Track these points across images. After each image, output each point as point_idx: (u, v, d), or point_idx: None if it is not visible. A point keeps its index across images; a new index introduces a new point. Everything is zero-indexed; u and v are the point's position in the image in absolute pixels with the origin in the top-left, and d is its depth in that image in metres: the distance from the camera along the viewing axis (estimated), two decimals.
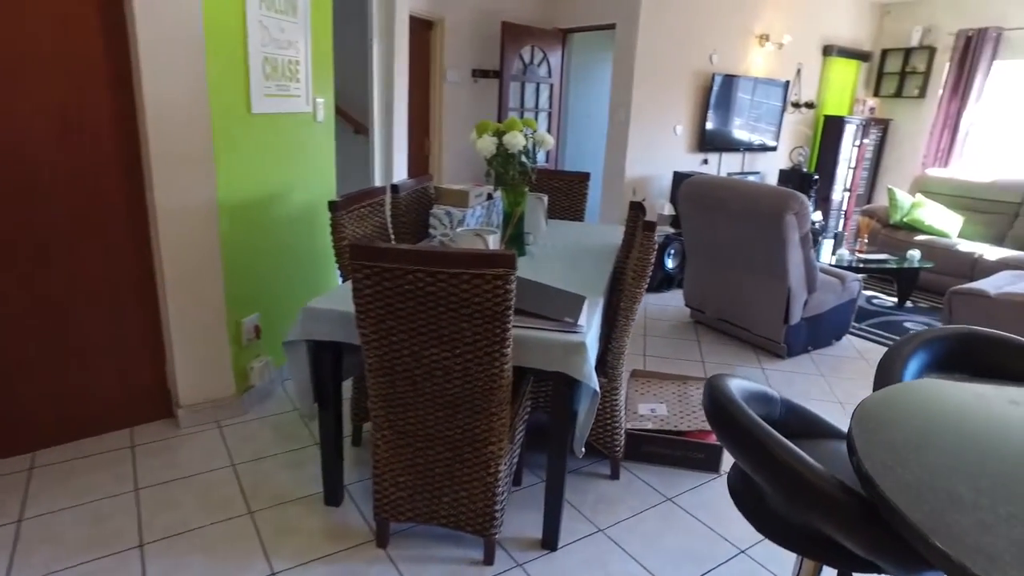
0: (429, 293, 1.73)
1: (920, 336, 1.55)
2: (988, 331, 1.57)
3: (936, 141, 6.59)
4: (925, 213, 5.90)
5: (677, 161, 5.67)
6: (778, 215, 3.58)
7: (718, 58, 5.67)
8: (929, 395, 1.34)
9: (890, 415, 1.25)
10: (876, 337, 4.51)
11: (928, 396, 1.33)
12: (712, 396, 1.38)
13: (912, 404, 1.29)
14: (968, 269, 5.45)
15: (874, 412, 1.25)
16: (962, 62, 6.35)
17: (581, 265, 2.70)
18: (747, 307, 4.06)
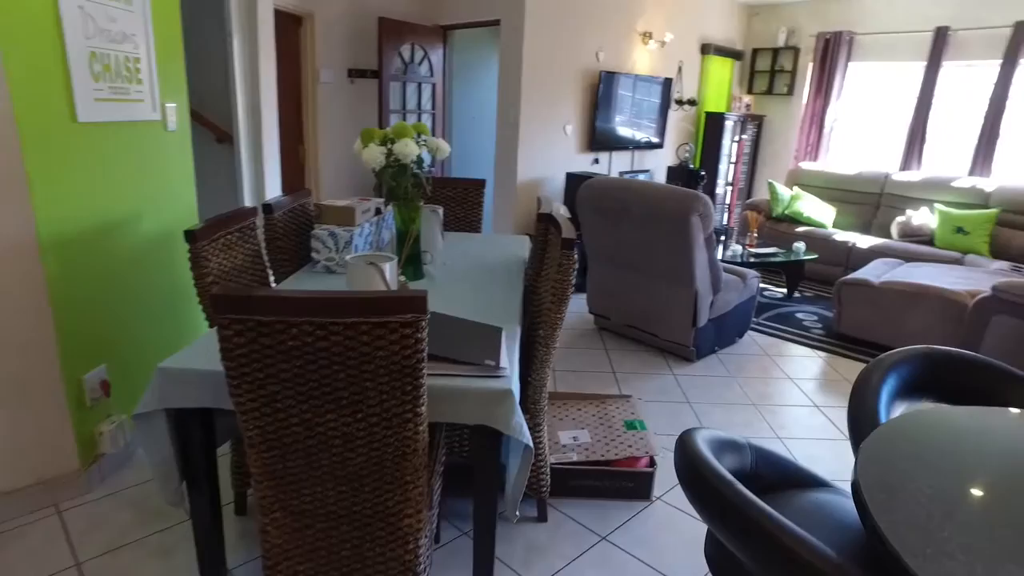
0: (321, 349, 1.38)
1: (885, 362, 1.41)
2: (951, 351, 1.45)
3: (806, 136, 6.90)
4: (804, 205, 6.13)
5: (569, 162, 5.54)
6: (683, 217, 3.48)
7: (604, 56, 5.58)
8: (929, 435, 1.17)
9: (897, 477, 1.06)
10: (774, 331, 4.57)
11: (929, 436, 1.17)
12: (686, 463, 1.14)
13: (917, 452, 1.12)
14: (844, 258, 5.71)
15: (882, 477, 1.06)
16: (823, 62, 6.67)
17: (488, 286, 2.43)
18: (654, 312, 3.96)
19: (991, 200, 5.59)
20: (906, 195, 6.00)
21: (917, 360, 1.44)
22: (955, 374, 1.43)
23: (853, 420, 1.36)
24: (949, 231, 5.50)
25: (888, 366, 1.40)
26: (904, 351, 1.46)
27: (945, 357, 1.45)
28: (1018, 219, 5.40)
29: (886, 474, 1.06)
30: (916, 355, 1.44)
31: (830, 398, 3.58)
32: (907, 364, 1.42)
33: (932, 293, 4.03)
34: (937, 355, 1.46)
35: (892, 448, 1.12)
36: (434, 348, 1.66)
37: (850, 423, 1.39)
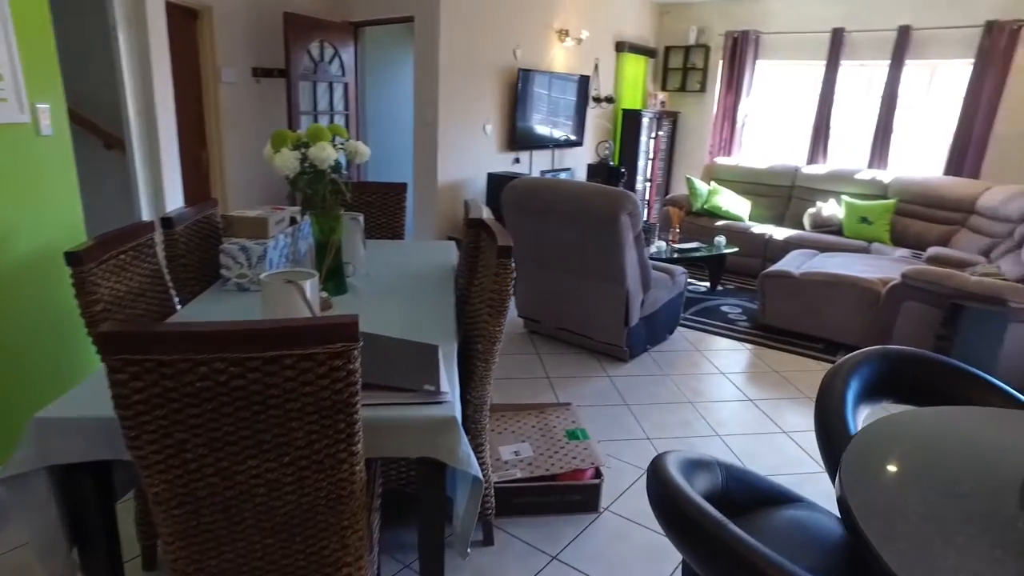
0: (236, 389, 1.19)
1: (845, 367, 1.36)
2: (906, 350, 1.42)
3: (719, 131, 7.07)
4: (722, 200, 6.26)
5: (490, 162, 5.42)
6: (612, 217, 3.42)
7: (522, 53, 5.49)
8: (906, 444, 1.12)
9: (885, 496, 0.99)
10: (702, 325, 4.61)
11: (906, 445, 1.11)
12: (660, 493, 1.03)
13: (898, 465, 1.05)
14: (761, 249, 5.86)
15: (869, 497, 0.99)
16: (732, 60, 6.85)
17: (418, 298, 2.26)
18: (585, 313, 3.89)
19: (889, 191, 5.88)
20: (815, 187, 6.23)
21: (876, 362, 1.40)
22: (914, 374, 1.40)
23: (822, 428, 1.30)
24: (855, 221, 5.74)
25: (849, 370, 1.35)
26: (862, 353, 1.42)
27: (901, 357, 1.43)
28: (913, 208, 5.70)
29: (873, 493, 0.99)
30: (874, 356, 1.41)
31: (762, 390, 3.62)
32: (867, 366, 1.39)
33: (848, 282, 4.16)
34: (893, 355, 1.43)
35: (872, 461, 1.06)
36: (367, 375, 1.49)
37: (819, 431, 1.34)
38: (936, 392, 1.37)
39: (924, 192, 5.70)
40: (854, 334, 4.19)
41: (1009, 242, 4.68)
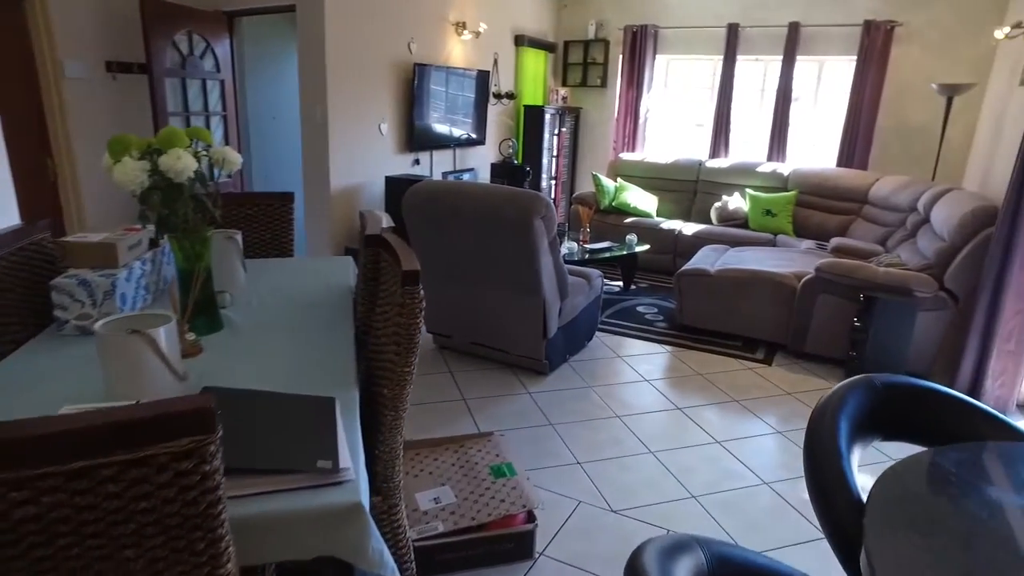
0: (32, 520, 0.81)
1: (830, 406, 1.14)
2: (891, 379, 1.23)
3: (622, 127, 6.99)
4: (630, 196, 6.16)
5: (387, 164, 5.03)
6: (525, 222, 3.16)
7: (417, 47, 5.13)
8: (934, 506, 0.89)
9: None
10: (620, 328, 4.44)
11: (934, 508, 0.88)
12: None
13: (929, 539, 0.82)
14: (671, 246, 5.80)
15: None
16: (632, 55, 6.78)
17: (310, 330, 1.90)
18: (500, 326, 3.61)
19: (789, 183, 5.98)
20: (719, 181, 6.25)
21: (862, 394, 1.21)
22: (906, 406, 1.22)
23: (816, 481, 1.08)
24: (759, 214, 5.79)
25: (835, 409, 1.15)
26: (845, 387, 1.22)
27: (888, 387, 1.24)
28: (812, 200, 5.82)
29: None
30: (859, 388, 1.21)
31: (688, 397, 3.47)
32: (853, 400, 1.19)
33: (763, 278, 4.11)
34: (879, 384, 1.24)
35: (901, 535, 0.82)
36: (237, 457, 1.13)
37: (811, 485, 1.12)
38: (935, 426, 1.19)
39: (821, 183, 5.83)
40: (772, 330, 4.14)
41: (903, 231, 4.81)
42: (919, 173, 5.71)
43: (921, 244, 4.24)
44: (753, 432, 3.15)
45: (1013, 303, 3.29)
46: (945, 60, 5.67)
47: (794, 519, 2.49)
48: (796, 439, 3.10)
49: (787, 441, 3.08)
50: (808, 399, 3.53)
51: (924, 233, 4.32)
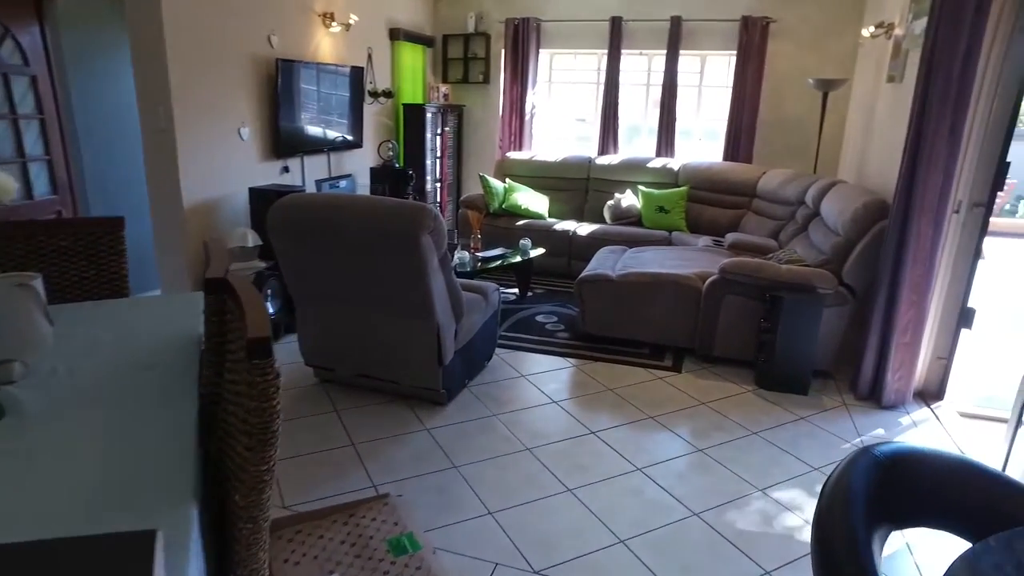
0: None
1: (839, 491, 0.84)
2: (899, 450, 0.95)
3: (508, 124, 6.69)
4: (520, 197, 5.87)
5: (251, 173, 4.42)
6: (411, 238, 2.74)
7: (280, 40, 4.55)
8: None
9: None
10: (520, 343, 4.12)
11: None
12: None
13: None
14: (566, 247, 5.57)
15: None
16: (515, 49, 6.49)
17: (134, 408, 1.41)
18: (390, 355, 3.18)
19: (680, 178, 5.92)
20: (610, 179, 6.09)
21: (866, 474, 0.93)
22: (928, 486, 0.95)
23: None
24: (653, 211, 5.68)
25: (843, 505, 0.86)
26: (847, 470, 0.93)
27: (894, 462, 0.97)
28: (703, 195, 5.78)
29: None
30: (861, 467, 0.93)
31: (601, 417, 3.20)
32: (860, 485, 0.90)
33: (667, 281, 3.92)
34: (883, 459, 0.97)
35: None
36: None
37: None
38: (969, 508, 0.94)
39: (710, 178, 5.80)
40: (679, 334, 3.97)
41: (794, 224, 4.82)
42: (801, 166, 5.80)
43: (815, 238, 4.22)
44: (673, 452, 2.92)
45: (908, 296, 3.27)
46: (816, 56, 5.80)
47: (734, 557, 2.25)
48: (717, 456, 2.90)
49: (708, 460, 2.87)
50: (721, 407, 3.36)
51: (816, 227, 4.31)
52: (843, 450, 3.01)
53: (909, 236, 3.21)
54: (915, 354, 3.36)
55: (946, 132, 3.05)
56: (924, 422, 3.33)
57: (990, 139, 3.23)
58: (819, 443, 3.06)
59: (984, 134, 3.22)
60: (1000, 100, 3.18)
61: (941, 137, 3.05)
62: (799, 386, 3.55)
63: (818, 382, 3.63)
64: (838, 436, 3.13)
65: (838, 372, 3.78)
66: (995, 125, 3.21)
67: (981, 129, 3.21)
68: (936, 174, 3.09)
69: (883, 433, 3.19)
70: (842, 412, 3.38)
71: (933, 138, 3.06)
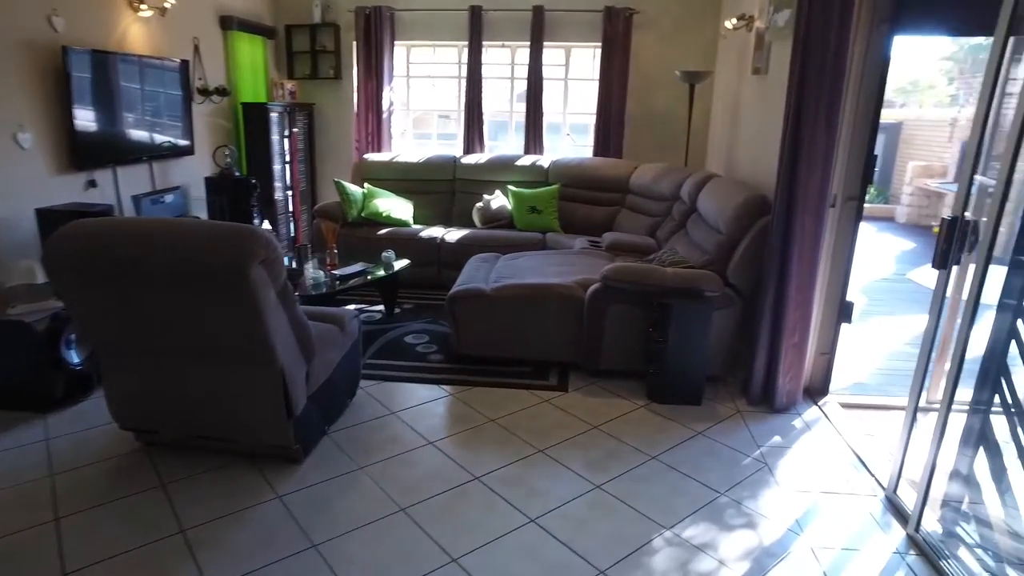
0: None
1: None
2: None
3: (364, 124, 6.12)
4: (381, 203, 5.34)
5: (41, 190, 3.59)
6: (237, 271, 2.19)
7: (66, 23, 3.73)
8: None
9: None
10: (388, 371, 3.63)
11: None
12: None
13: None
14: (435, 256, 5.12)
15: None
16: (367, 41, 5.94)
17: None
18: (226, 411, 2.60)
19: (550, 176, 5.65)
20: (477, 179, 5.71)
21: None
22: None
23: None
24: (524, 212, 5.36)
25: None
26: None
27: None
28: (575, 192, 5.54)
29: None
30: None
31: (485, 456, 2.80)
32: None
33: (547, 292, 3.59)
34: None
35: None
36: None
37: None
38: None
39: (582, 174, 5.57)
40: (563, 349, 3.65)
41: (671, 221, 4.68)
42: (671, 159, 5.72)
43: (695, 236, 4.06)
44: (569, 493, 2.58)
45: (795, 295, 3.14)
46: (679, 48, 5.73)
47: None
48: (617, 491, 2.59)
49: (608, 498, 2.55)
50: (615, 429, 3.07)
51: (696, 224, 4.16)
52: (744, 467, 2.80)
53: (793, 232, 3.07)
54: (803, 354, 3.25)
55: (823, 124, 2.92)
56: (815, 422, 3.23)
57: (859, 131, 3.17)
58: (720, 462, 2.84)
59: (853, 126, 3.15)
60: (865, 92, 3.11)
61: (819, 130, 2.92)
62: (693, 396, 3.34)
63: (710, 388, 3.44)
64: (738, 451, 2.93)
65: (728, 375, 3.62)
66: (862, 117, 3.15)
67: (850, 121, 3.13)
68: (816, 168, 2.96)
69: (780, 441, 3.03)
70: (737, 421, 3.21)
71: (812, 131, 2.93)
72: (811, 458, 2.90)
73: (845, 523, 2.46)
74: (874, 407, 3.49)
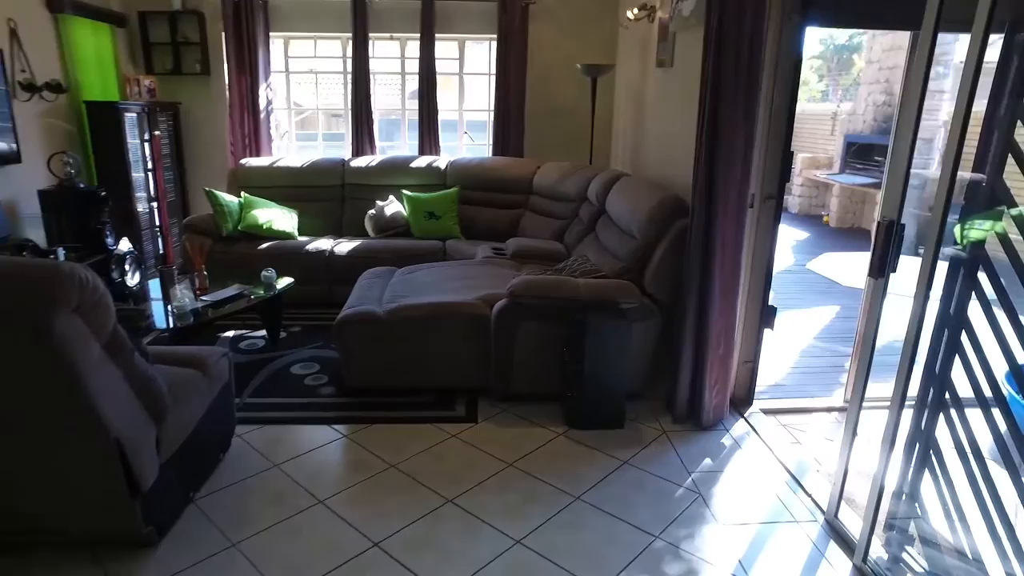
0: None
1: None
2: None
3: (239, 125, 5.48)
4: (261, 214, 4.76)
5: None
6: (36, 324, 1.66)
7: None
8: None
9: None
10: (270, 412, 3.13)
11: None
12: None
13: None
14: (324, 271, 4.60)
15: None
16: (238, 32, 5.30)
17: None
18: (49, 493, 2.04)
19: (448, 178, 5.26)
20: (369, 184, 5.23)
21: None
22: None
23: None
24: (421, 218, 4.94)
25: None
26: None
27: None
28: (476, 195, 5.17)
29: None
30: None
31: (385, 516, 2.37)
32: None
33: (448, 311, 3.21)
34: None
35: None
36: None
37: None
38: None
39: (482, 175, 5.22)
40: (470, 374, 3.28)
41: (579, 224, 4.40)
42: (576, 157, 5.46)
43: (607, 240, 3.79)
44: (486, 554, 2.21)
45: (719, 303, 2.91)
46: (578, 40, 5.48)
47: None
48: (539, 546, 2.24)
49: (530, 556, 2.20)
50: (532, 466, 2.74)
51: (606, 227, 3.89)
52: (677, 501, 2.54)
53: (715, 236, 2.84)
54: (729, 366, 3.04)
55: (741, 120, 2.69)
56: (744, 438, 3.02)
57: (775, 126, 2.98)
58: (651, 496, 2.56)
59: (769, 121, 2.96)
60: (780, 85, 2.93)
61: (738, 126, 2.70)
62: (615, 419, 3.06)
63: (632, 407, 3.17)
64: (668, 480, 2.67)
65: (650, 390, 3.36)
66: (778, 112, 2.96)
67: (766, 116, 2.93)
68: (735, 166, 2.74)
69: (711, 464, 2.80)
70: (664, 444, 2.95)
71: (731, 127, 2.70)
72: (745, 482, 2.67)
73: (790, 558, 2.23)
74: (795, 411, 3.36)
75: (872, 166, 8.51)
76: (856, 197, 8.72)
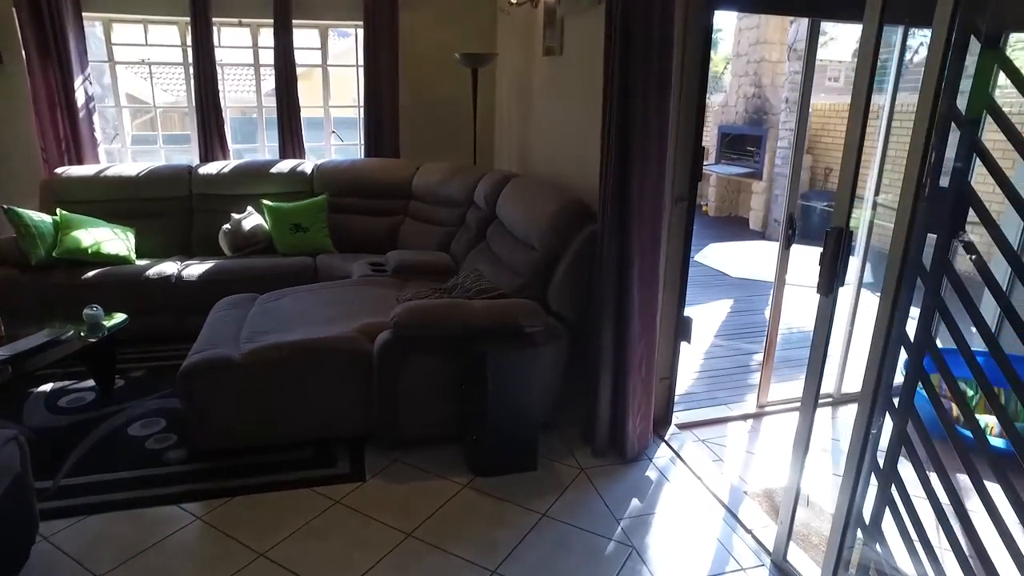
0: None
1: None
2: None
3: (51, 126, 4.53)
4: (84, 236, 3.91)
5: None
6: None
7: None
8: None
9: None
10: (99, 498, 2.44)
11: None
12: None
13: None
14: (171, 300, 3.86)
15: None
16: (37, 13, 4.35)
17: None
18: None
19: (316, 184, 4.64)
20: (222, 193, 4.49)
21: None
22: None
23: None
24: (286, 232, 4.29)
25: None
26: None
27: None
28: (348, 202, 4.59)
29: None
30: None
31: None
32: None
33: (320, 348, 2.66)
34: None
35: None
36: None
37: None
38: None
39: (355, 180, 4.64)
40: (352, 420, 2.75)
41: (467, 231, 3.95)
42: (458, 156, 5.00)
43: (500, 250, 3.36)
44: None
45: (640, 318, 2.57)
46: (454, 28, 5.00)
47: None
48: None
49: None
50: (436, 533, 2.27)
51: (499, 235, 3.46)
52: (609, 559, 2.17)
53: (630, 244, 2.49)
54: (651, 389, 2.71)
55: (654, 112, 2.36)
56: (669, 468, 2.72)
57: (685, 120, 2.68)
58: (579, 557, 2.17)
59: (679, 114, 2.65)
60: (689, 74, 2.62)
61: (651, 119, 2.36)
62: (526, 461, 2.65)
63: (543, 440, 2.78)
64: (596, 534, 2.29)
65: (562, 418, 2.98)
66: (688, 103, 2.66)
67: (676, 108, 2.62)
68: (652, 164, 2.40)
69: (640, 507, 2.45)
70: (585, 486, 2.57)
71: (644, 121, 2.35)
72: (679, 525, 2.35)
73: None
74: (710, 422, 3.14)
75: (745, 156, 8.70)
76: (732, 186, 8.90)
